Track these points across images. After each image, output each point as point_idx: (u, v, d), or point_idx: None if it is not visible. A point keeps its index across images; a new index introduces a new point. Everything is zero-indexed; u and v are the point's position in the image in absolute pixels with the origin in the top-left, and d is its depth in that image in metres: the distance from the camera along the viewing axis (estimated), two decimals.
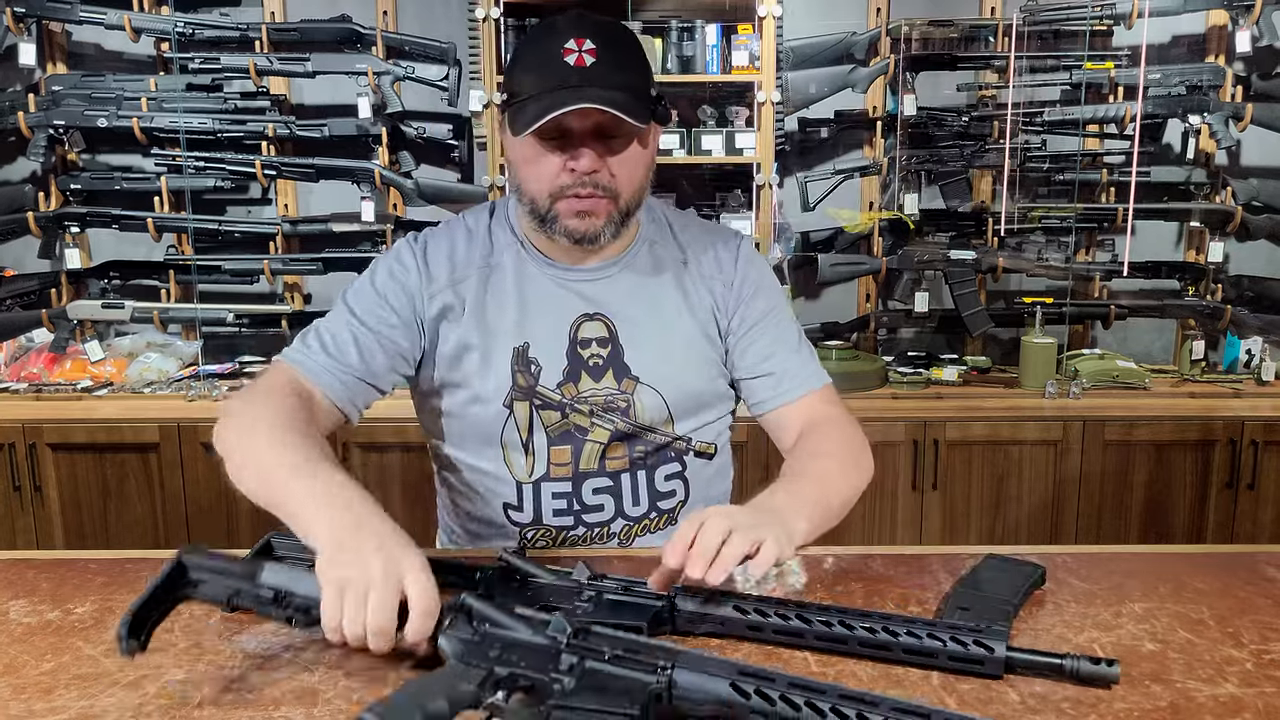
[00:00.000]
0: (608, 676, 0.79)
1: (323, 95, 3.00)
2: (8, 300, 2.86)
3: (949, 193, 2.91)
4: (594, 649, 0.81)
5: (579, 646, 0.82)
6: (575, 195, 1.20)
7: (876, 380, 2.80)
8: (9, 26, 2.79)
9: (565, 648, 0.82)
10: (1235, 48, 2.79)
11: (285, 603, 0.92)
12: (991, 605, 0.99)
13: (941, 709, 0.74)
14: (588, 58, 1.16)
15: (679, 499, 1.35)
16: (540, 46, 1.19)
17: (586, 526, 1.32)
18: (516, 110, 1.18)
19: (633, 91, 1.17)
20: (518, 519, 1.33)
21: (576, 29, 1.18)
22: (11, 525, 2.66)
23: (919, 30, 2.83)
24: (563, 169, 1.19)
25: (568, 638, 0.82)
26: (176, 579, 0.95)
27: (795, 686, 0.77)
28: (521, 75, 1.19)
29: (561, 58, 1.16)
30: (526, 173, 1.22)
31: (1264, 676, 0.90)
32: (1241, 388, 2.79)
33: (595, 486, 1.31)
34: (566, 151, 1.19)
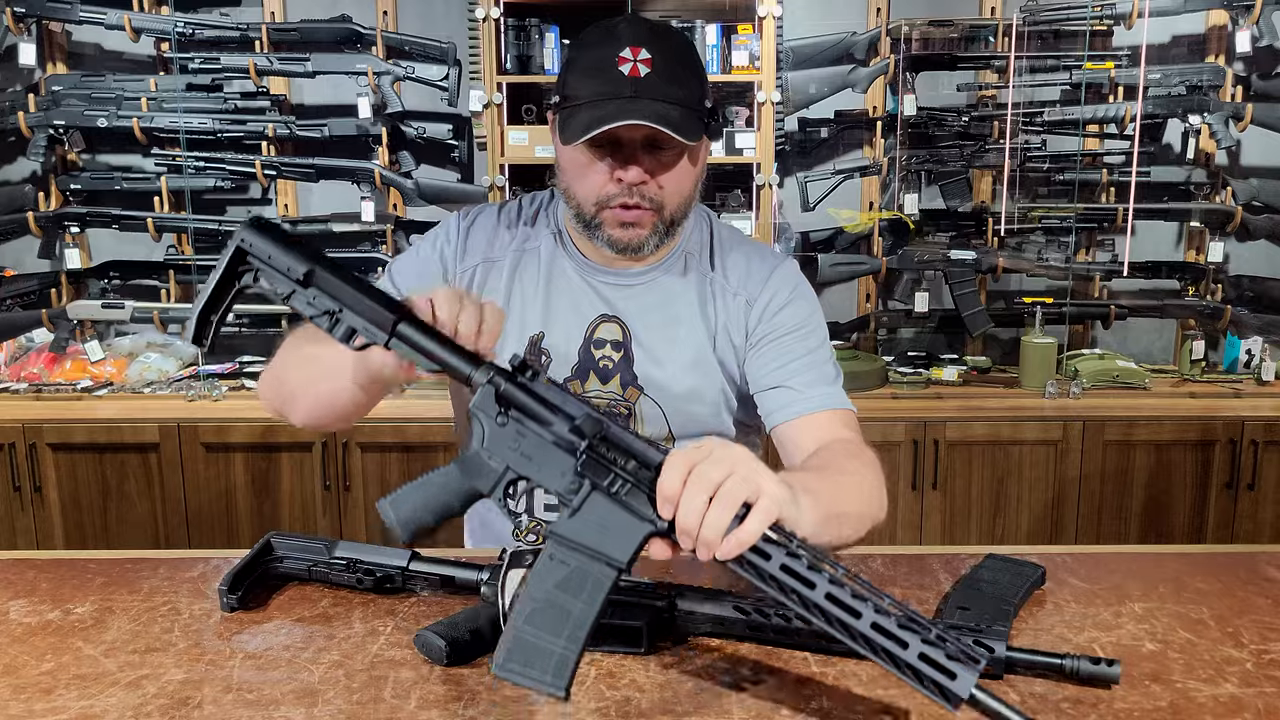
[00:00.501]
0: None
1: (323, 95, 3.00)
2: (8, 300, 2.86)
3: (949, 193, 2.91)
4: (606, 465, 0.84)
5: (597, 457, 0.84)
6: (622, 205, 1.19)
7: (876, 380, 2.80)
8: (9, 26, 2.79)
9: (580, 466, 0.84)
10: (1235, 48, 2.79)
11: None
12: (991, 605, 0.99)
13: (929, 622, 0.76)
14: (643, 68, 1.15)
15: None
16: (596, 53, 1.18)
17: None
18: (568, 116, 1.17)
19: (686, 105, 1.16)
20: (512, 506, 1.32)
21: (633, 37, 1.16)
22: (11, 525, 2.66)
23: (919, 30, 2.83)
24: (610, 178, 1.19)
25: (585, 450, 0.84)
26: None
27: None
28: (575, 80, 1.18)
29: (617, 66, 1.15)
30: (574, 179, 1.22)
31: (1264, 676, 0.90)
32: (1241, 388, 2.79)
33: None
34: (616, 160, 1.18)
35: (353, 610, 1.05)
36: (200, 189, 2.86)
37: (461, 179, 3.04)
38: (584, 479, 0.85)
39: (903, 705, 0.86)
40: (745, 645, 0.96)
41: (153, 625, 1.02)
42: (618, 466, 0.85)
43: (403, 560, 1.08)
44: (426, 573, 1.07)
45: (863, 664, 0.92)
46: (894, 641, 0.77)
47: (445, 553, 1.16)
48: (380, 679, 0.91)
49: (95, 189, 2.95)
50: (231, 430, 2.61)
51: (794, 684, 0.89)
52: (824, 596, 0.79)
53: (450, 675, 0.91)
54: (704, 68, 1.26)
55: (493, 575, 1.03)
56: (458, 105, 2.88)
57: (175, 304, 2.95)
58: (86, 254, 3.04)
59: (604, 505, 0.84)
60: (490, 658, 0.83)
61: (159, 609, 1.06)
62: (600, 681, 0.90)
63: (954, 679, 0.75)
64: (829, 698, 0.87)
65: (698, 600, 0.98)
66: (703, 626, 0.97)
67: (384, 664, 0.94)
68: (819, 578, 0.79)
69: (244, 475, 2.65)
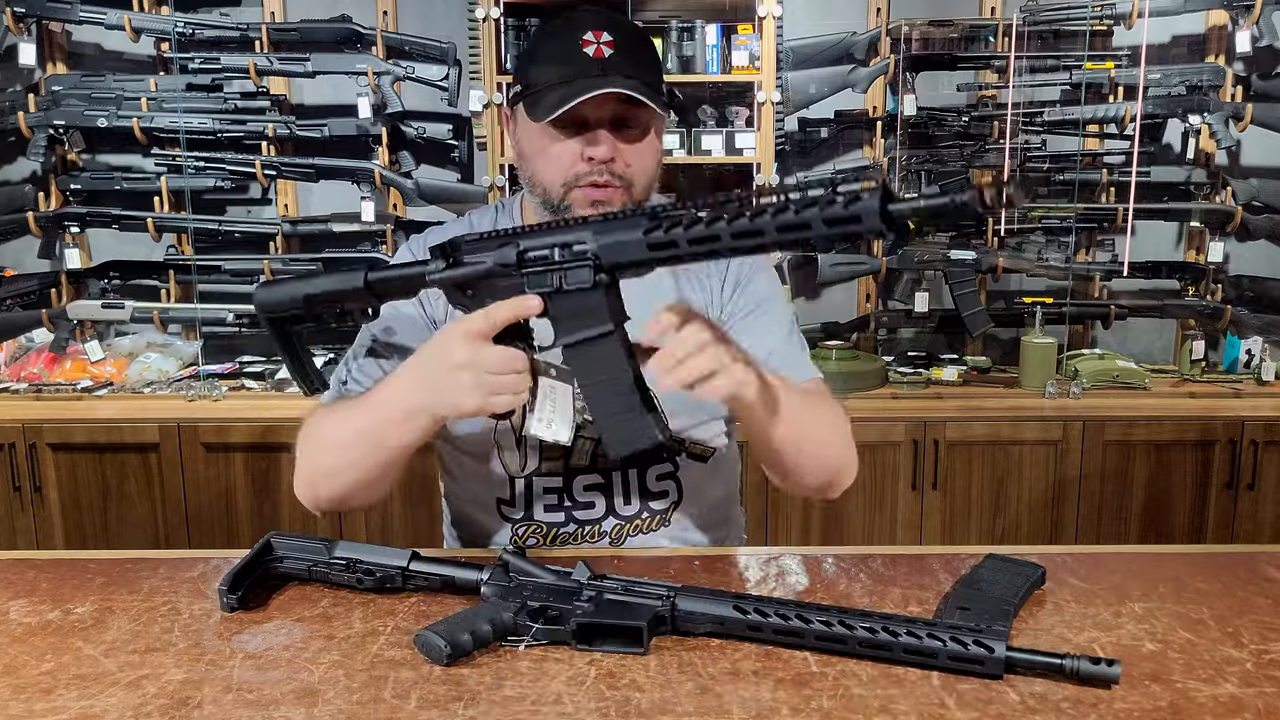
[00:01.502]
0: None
1: (323, 95, 3.00)
2: (8, 300, 2.86)
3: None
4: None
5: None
6: (591, 184, 1.21)
7: (876, 380, 2.80)
8: (9, 26, 2.79)
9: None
10: (1235, 48, 2.79)
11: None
12: (992, 605, 0.99)
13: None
14: (606, 49, 1.18)
15: (671, 500, 1.34)
16: (558, 39, 1.21)
17: (578, 524, 1.32)
18: (534, 100, 1.20)
19: (649, 84, 1.19)
20: (510, 514, 1.34)
21: (594, 22, 1.20)
22: (11, 525, 2.66)
23: (919, 30, 2.83)
24: (578, 158, 1.21)
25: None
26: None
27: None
28: (539, 66, 1.21)
29: (581, 49, 1.18)
30: (540, 163, 1.23)
31: (1264, 676, 0.90)
32: (1241, 388, 2.79)
33: (586, 483, 1.31)
34: (582, 140, 1.20)
35: (353, 610, 1.05)
36: (200, 189, 2.86)
37: (461, 179, 3.04)
38: (541, 296, 1.02)
39: (903, 705, 0.86)
40: (745, 645, 0.96)
41: (153, 625, 1.02)
42: (554, 264, 1.01)
43: (403, 560, 1.08)
44: (426, 573, 1.07)
45: (863, 664, 0.92)
46: (799, 229, 0.90)
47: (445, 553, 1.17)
48: (380, 679, 0.91)
49: (95, 189, 2.95)
50: (231, 430, 2.61)
51: (794, 684, 0.89)
52: None
53: (450, 675, 0.91)
54: (659, 60, 1.31)
55: (494, 575, 1.04)
56: (458, 105, 2.88)
57: (175, 304, 2.95)
58: (86, 254, 3.04)
59: (565, 300, 1.02)
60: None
61: (159, 609, 1.06)
62: (600, 681, 0.90)
63: (860, 220, 0.87)
64: (829, 698, 0.87)
65: (698, 600, 0.98)
66: (703, 626, 0.97)
67: (384, 664, 0.94)
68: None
69: (244, 475, 2.64)
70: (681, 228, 0.95)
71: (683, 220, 0.95)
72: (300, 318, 1.18)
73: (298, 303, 1.16)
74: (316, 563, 1.10)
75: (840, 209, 0.88)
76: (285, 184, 3.01)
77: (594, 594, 0.99)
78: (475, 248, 1.06)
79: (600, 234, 1.00)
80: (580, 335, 1.03)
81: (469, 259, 1.06)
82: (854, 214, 0.87)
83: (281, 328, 1.20)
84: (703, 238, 0.95)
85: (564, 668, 0.92)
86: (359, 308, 1.16)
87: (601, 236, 1.00)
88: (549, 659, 0.94)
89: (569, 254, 1.01)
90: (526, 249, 1.03)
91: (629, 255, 0.99)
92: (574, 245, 1.01)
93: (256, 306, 1.18)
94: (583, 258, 1.01)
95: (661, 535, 1.34)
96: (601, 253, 1.00)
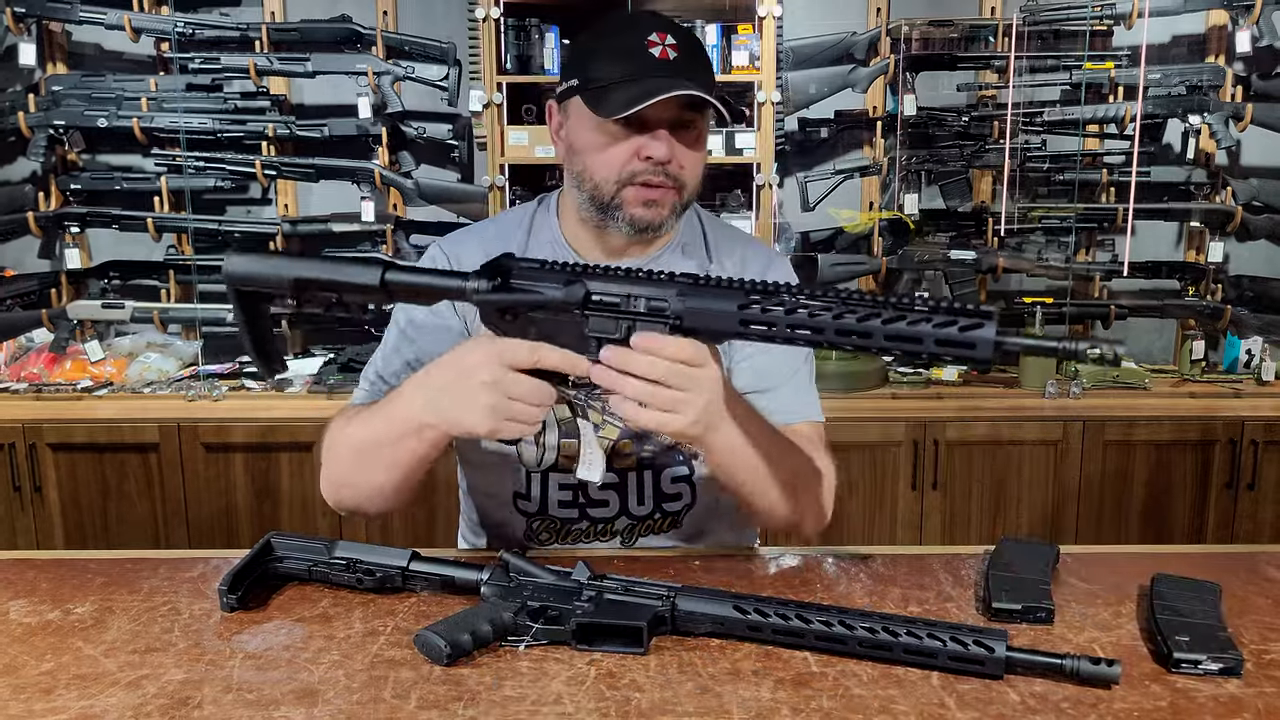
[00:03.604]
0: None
1: (323, 95, 3.00)
2: (8, 300, 2.86)
3: (949, 193, 2.91)
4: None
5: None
6: (645, 183, 1.20)
7: (876, 380, 2.80)
8: (9, 26, 2.79)
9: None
10: (1235, 48, 2.79)
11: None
12: (1030, 586, 1.03)
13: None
14: (671, 52, 1.18)
15: (685, 502, 1.34)
16: (621, 38, 1.21)
17: (591, 521, 1.33)
18: (597, 95, 1.18)
19: (710, 88, 1.19)
20: (525, 508, 1.34)
21: (657, 24, 1.20)
22: (11, 525, 2.66)
23: (919, 30, 2.83)
24: (633, 156, 1.19)
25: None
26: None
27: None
28: (602, 63, 1.19)
29: (647, 49, 1.17)
30: (594, 158, 1.21)
31: (1264, 676, 0.90)
32: (1241, 388, 2.78)
33: (602, 482, 1.31)
34: (639, 138, 1.19)
35: (353, 610, 1.05)
36: (200, 189, 2.86)
37: (461, 179, 3.04)
38: (597, 339, 0.99)
39: (903, 705, 0.86)
40: (745, 645, 0.96)
41: (153, 625, 1.02)
42: (624, 314, 0.98)
43: (403, 560, 1.08)
44: (427, 573, 1.07)
45: (862, 664, 0.92)
46: (909, 341, 0.88)
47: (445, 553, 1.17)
48: (380, 679, 0.91)
49: (95, 189, 2.95)
50: (231, 430, 2.61)
51: (794, 684, 0.90)
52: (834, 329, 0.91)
53: (450, 675, 0.91)
54: (712, 65, 1.30)
55: (494, 576, 1.04)
56: (458, 105, 2.88)
57: (175, 304, 2.95)
58: (86, 254, 3.04)
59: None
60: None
61: (159, 609, 1.06)
62: (600, 681, 0.90)
63: (974, 347, 0.86)
64: (829, 698, 0.87)
65: (698, 600, 0.98)
66: (703, 626, 0.97)
67: (384, 664, 0.94)
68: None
69: (244, 475, 2.65)
70: (783, 311, 0.92)
71: (784, 304, 0.92)
72: (277, 298, 1.10)
73: (284, 283, 1.06)
74: (316, 563, 1.10)
75: (955, 332, 0.86)
76: (285, 184, 3.01)
77: (594, 594, 0.99)
78: (530, 274, 1.01)
79: (687, 296, 0.96)
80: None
81: (520, 284, 1.01)
82: (969, 340, 0.86)
83: (252, 304, 1.10)
84: (802, 324, 0.91)
85: (564, 668, 0.92)
86: (359, 304, 1.12)
87: (689, 299, 0.96)
88: (549, 659, 0.94)
89: (647, 308, 0.97)
90: (595, 292, 0.99)
91: (716, 325, 0.95)
92: (652, 300, 0.97)
93: (228, 277, 1.08)
94: (661, 314, 0.97)
95: (672, 535, 1.35)
96: (686, 315, 0.96)
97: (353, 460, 1.18)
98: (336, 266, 1.07)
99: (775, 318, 0.92)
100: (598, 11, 2.73)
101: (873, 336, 0.88)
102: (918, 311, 0.87)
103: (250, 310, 1.10)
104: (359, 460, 1.17)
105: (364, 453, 1.16)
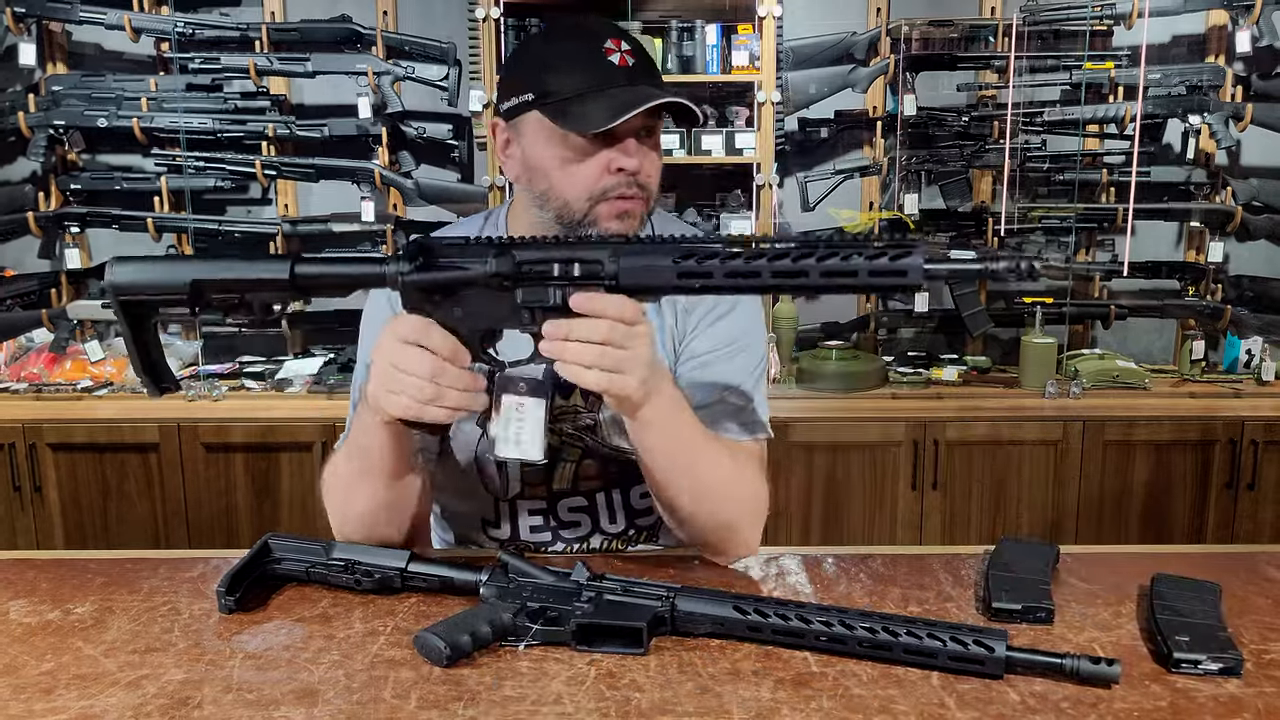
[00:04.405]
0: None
1: (323, 95, 3.00)
2: (8, 300, 2.86)
3: (949, 193, 2.91)
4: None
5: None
6: (620, 197, 1.15)
7: (876, 380, 2.80)
8: (9, 26, 2.79)
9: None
10: (1235, 48, 2.79)
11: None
12: (1030, 586, 1.03)
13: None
14: (629, 58, 1.14)
15: (656, 516, 1.29)
16: (575, 46, 1.15)
17: (565, 542, 1.32)
18: (560, 109, 1.12)
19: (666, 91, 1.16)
20: (496, 535, 1.32)
21: (608, 30, 1.15)
22: (11, 525, 2.66)
23: (919, 30, 2.83)
24: (604, 171, 1.14)
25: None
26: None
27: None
28: (559, 74, 1.13)
29: (605, 57, 1.13)
30: (560, 176, 1.15)
31: (1264, 676, 0.90)
32: (1241, 388, 2.79)
33: (571, 505, 1.30)
34: (607, 151, 1.14)
35: (352, 610, 1.05)
36: (200, 189, 2.86)
37: (461, 179, 3.04)
38: (530, 310, 0.98)
39: (903, 705, 0.86)
40: (745, 645, 0.96)
41: (153, 625, 1.02)
42: (556, 280, 0.97)
43: (401, 562, 1.07)
44: (425, 574, 1.07)
45: (862, 664, 0.92)
46: (844, 276, 0.90)
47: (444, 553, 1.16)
48: (380, 679, 0.91)
49: (95, 189, 2.95)
50: (231, 430, 2.61)
51: (794, 684, 0.89)
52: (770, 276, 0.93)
53: (450, 675, 0.91)
54: None
55: (494, 576, 1.03)
56: (458, 105, 2.88)
57: None
58: (86, 254, 3.04)
59: (566, 315, 0.97)
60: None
61: (159, 609, 1.06)
62: (600, 681, 0.90)
63: (905, 274, 0.89)
64: (829, 698, 0.87)
65: (698, 600, 0.98)
66: (703, 626, 0.97)
67: (384, 664, 0.94)
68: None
69: (244, 475, 2.65)
70: (718, 260, 0.93)
71: (718, 253, 0.93)
72: (174, 303, 1.03)
73: (179, 288, 1.00)
74: (315, 564, 1.09)
75: (887, 262, 0.89)
76: (285, 184, 3.01)
77: (593, 594, 0.99)
78: (454, 251, 0.99)
79: (622, 255, 0.96)
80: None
81: (446, 263, 0.99)
82: (900, 268, 0.89)
83: (140, 315, 1.04)
84: (739, 272, 0.92)
85: (564, 668, 0.92)
86: (264, 304, 1.03)
87: (624, 258, 0.96)
88: (549, 659, 0.94)
89: (581, 272, 0.96)
90: (525, 261, 0.97)
91: (655, 280, 0.96)
92: (587, 263, 0.96)
93: (112, 288, 1.01)
94: (597, 276, 0.96)
95: (650, 547, 1.34)
96: (623, 274, 0.96)
97: (344, 490, 1.16)
98: (237, 265, 1.01)
99: (711, 268, 0.93)
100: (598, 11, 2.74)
101: (809, 275, 0.91)
102: (849, 247, 0.90)
103: (136, 323, 1.04)
104: (347, 487, 1.15)
105: (350, 478, 1.14)
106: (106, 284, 1.01)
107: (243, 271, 1.00)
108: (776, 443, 1.32)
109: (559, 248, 0.98)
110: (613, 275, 0.96)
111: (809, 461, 2.61)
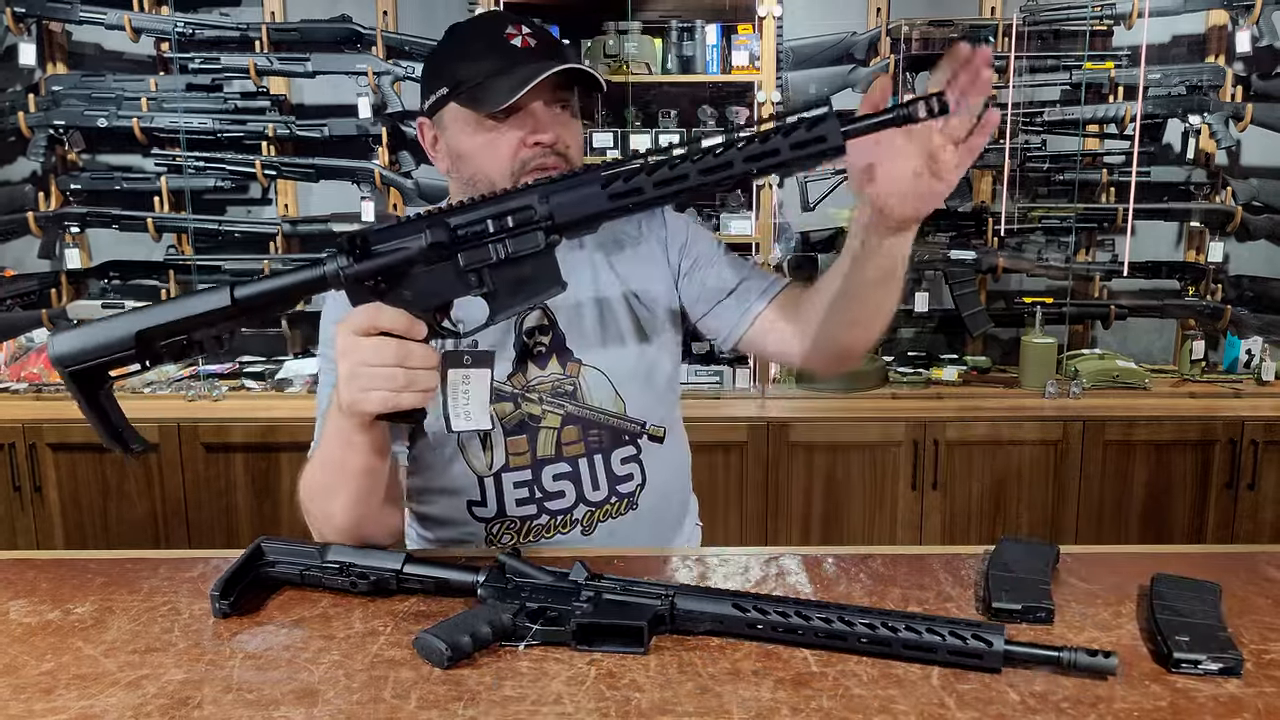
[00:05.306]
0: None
1: (323, 95, 3.00)
2: (8, 300, 2.86)
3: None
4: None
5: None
6: (540, 168, 1.21)
7: (876, 380, 2.80)
8: (9, 26, 2.79)
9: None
10: (1235, 48, 2.79)
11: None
12: (1030, 586, 1.03)
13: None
14: (530, 40, 1.21)
15: (637, 482, 1.36)
16: (479, 36, 1.23)
17: (550, 514, 1.33)
18: (473, 94, 1.19)
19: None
20: (481, 514, 1.33)
21: (510, 18, 1.22)
22: (11, 525, 2.66)
23: (919, 30, 2.83)
24: (521, 145, 1.21)
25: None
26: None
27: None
28: (468, 63, 1.21)
29: (508, 41, 1.20)
30: (483, 158, 1.22)
31: (1264, 676, 0.90)
32: (1241, 388, 2.79)
33: (555, 473, 1.32)
34: (519, 129, 1.20)
35: (352, 610, 1.05)
36: (200, 189, 2.87)
37: None
38: (475, 272, 0.99)
39: (902, 705, 0.86)
40: (745, 645, 0.96)
41: (153, 625, 1.02)
42: (494, 235, 0.98)
43: (396, 563, 1.07)
44: (421, 575, 1.07)
45: (862, 663, 0.92)
46: (768, 157, 0.92)
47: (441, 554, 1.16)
48: (380, 679, 0.91)
49: (95, 189, 2.95)
50: (231, 430, 2.61)
51: (794, 684, 0.89)
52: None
53: (450, 675, 0.91)
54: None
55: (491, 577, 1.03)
56: None
57: None
58: (86, 254, 3.04)
59: (508, 271, 0.99)
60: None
61: (159, 609, 1.06)
62: (600, 681, 0.90)
63: (825, 139, 0.90)
64: (829, 697, 0.87)
65: (698, 600, 0.98)
66: (702, 625, 0.97)
67: (384, 664, 0.94)
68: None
69: (244, 475, 2.65)
70: (644, 174, 0.94)
71: (643, 168, 0.95)
72: (127, 360, 0.99)
73: (126, 344, 0.97)
74: (309, 567, 1.08)
75: (804, 132, 0.91)
76: (285, 184, 3.02)
77: (593, 594, 0.99)
78: (388, 235, 0.99)
79: (549, 196, 0.97)
80: (529, 302, 1.02)
81: (381, 249, 0.98)
82: (818, 135, 0.91)
83: (89, 384, 1.00)
84: (669, 179, 0.94)
85: (564, 668, 0.92)
86: (213, 338, 1.00)
87: (554, 196, 0.97)
88: (549, 659, 0.94)
89: (515, 221, 0.97)
90: (459, 225, 0.98)
91: (589, 209, 0.96)
92: (518, 212, 0.97)
93: (57, 360, 0.98)
94: (532, 222, 0.97)
95: (630, 520, 1.35)
96: (556, 212, 0.97)
97: (319, 497, 1.15)
98: (177, 305, 0.98)
99: (641, 183, 0.95)
100: (597, 11, 2.74)
101: (734, 165, 0.93)
102: (766, 132, 0.92)
103: (89, 392, 1.00)
104: (323, 492, 1.14)
105: (324, 483, 1.14)
106: (50, 357, 0.99)
107: (184, 309, 0.98)
108: (777, 442, 1.34)
109: (487, 204, 0.99)
110: (547, 216, 0.97)
111: (809, 461, 2.61)
